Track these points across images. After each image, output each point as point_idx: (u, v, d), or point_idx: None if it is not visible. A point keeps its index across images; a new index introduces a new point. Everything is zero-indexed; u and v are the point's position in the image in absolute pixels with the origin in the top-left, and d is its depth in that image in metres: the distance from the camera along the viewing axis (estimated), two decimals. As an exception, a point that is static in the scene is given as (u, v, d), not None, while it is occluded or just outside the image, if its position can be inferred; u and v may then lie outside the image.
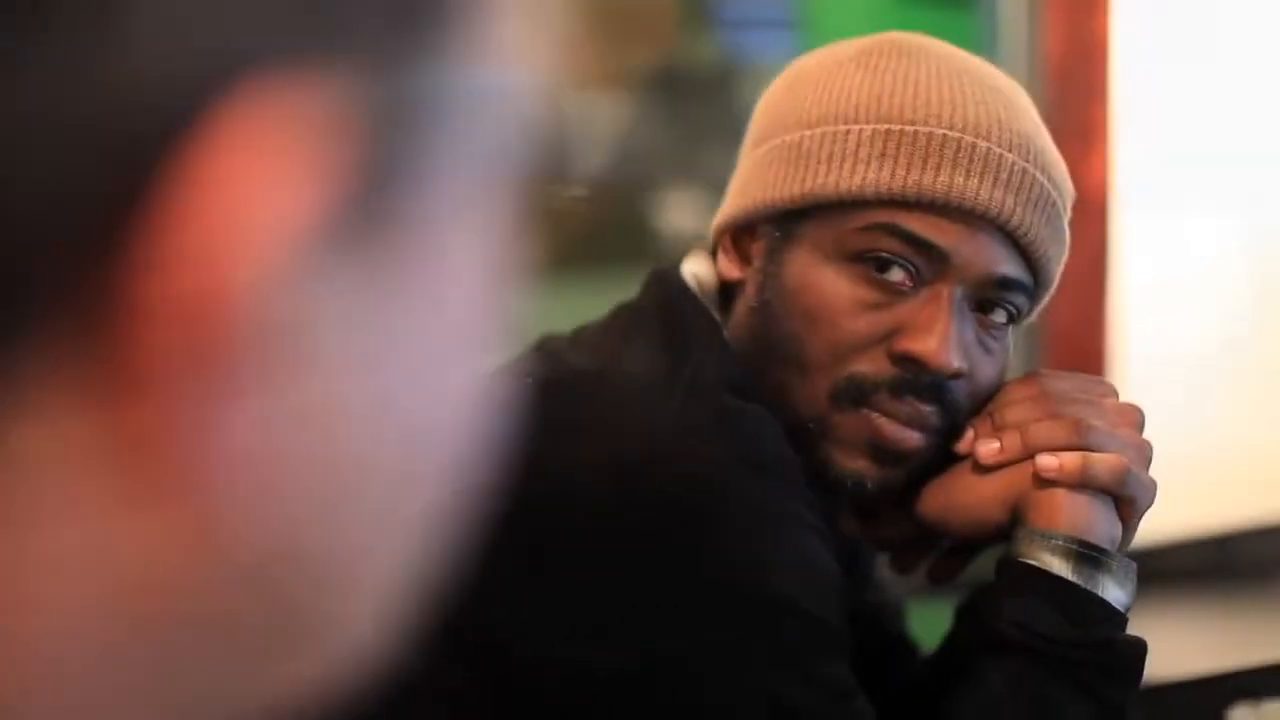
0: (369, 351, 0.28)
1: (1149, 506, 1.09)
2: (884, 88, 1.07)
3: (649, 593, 0.95)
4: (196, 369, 0.25)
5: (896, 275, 1.04)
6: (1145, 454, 1.09)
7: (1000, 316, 1.08)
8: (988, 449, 1.08)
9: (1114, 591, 1.05)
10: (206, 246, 0.25)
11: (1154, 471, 1.09)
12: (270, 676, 0.29)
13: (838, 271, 1.05)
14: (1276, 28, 2.17)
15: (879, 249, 1.04)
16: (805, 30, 2.13)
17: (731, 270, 1.12)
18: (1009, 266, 1.06)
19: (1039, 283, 1.09)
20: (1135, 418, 1.10)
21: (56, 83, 0.24)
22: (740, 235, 1.12)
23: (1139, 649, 1.06)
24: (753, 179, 1.11)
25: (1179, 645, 1.77)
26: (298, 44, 0.26)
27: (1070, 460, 1.05)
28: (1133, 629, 1.06)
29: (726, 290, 1.13)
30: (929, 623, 1.22)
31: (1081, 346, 2.04)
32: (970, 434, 1.09)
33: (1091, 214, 2.00)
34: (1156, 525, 1.14)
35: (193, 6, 0.25)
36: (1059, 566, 1.04)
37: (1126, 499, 1.07)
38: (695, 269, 1.14)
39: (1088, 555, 1.04)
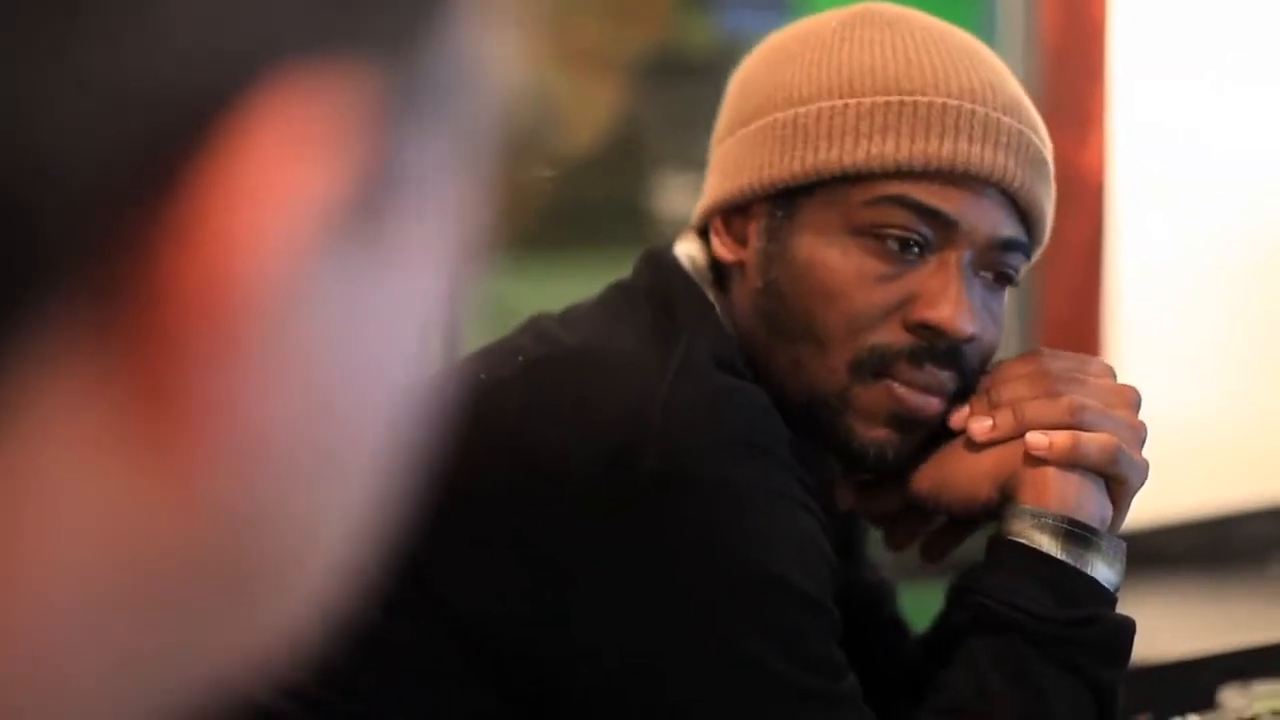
0: (359, 323, 0.29)
1: (1140, 487, 1.09)
2: (875, 59, 1.07)
3: (638, 570, 0.96)
4: (210, 339, 0.26)
5: (907, 245, 1.05)
6: (1139, 435, 1.09)
7: (1001, 277, 1.09)
8: (980, 426, 1.08)
9: (1103, 570, 1.05)
10: (230, 225, 0.26)
11: (1148, 454, 1.09)
12: (234, 639, 0.30)
13: (846, 246, 1.06)
14: (1275, 11, 2.16)
15: (889, 224, 1.05)
16: (800, 12, 2.12)
17: (727, 252, 1.11)
18: (1010, 228, 1.08)
19: (1032, 239, 1.11)
20: (1131, 398, 1.11)
21: (102, 63, 0.25)
22: (731, 217, 1.12)
23: (1127, 628, 1.06)
24: (743, 159, 1.10)
25: (1170, 626, 1.78)
26: (326, 33, 0.27)
27: (1060, 438, 1.05)
28: (1125, 610, 1.07)
29: (719, 270, 1.13)
30: (922, 605, 1.23)
31: (1077, 330, 2.04)
32: (965, 410, 1.10)
33: (1088, 198, 2.00)
34: (1148, 508, 1.14)
35: None
36: (1048, 544, 1.04)
37: (1117, 479, 1.07)
38: (688, 250, 1.14)
39: (1077, 534, 1.04)
